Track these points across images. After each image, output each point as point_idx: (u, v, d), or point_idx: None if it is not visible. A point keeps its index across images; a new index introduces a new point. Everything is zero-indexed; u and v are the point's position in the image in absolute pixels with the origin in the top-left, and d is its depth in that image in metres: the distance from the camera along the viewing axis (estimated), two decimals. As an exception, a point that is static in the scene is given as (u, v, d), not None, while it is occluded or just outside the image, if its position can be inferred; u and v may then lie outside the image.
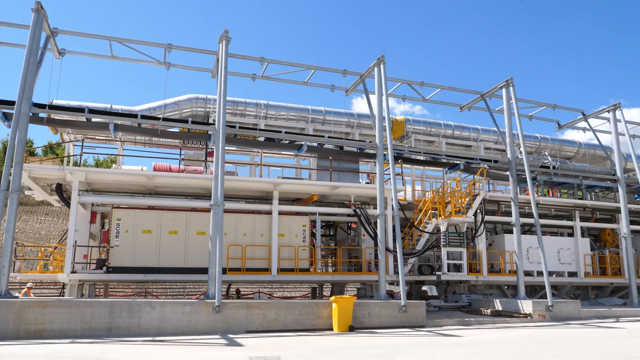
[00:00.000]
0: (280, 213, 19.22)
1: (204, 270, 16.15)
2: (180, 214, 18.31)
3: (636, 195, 27.58)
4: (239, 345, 11.84)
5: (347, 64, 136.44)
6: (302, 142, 18.99)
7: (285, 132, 19.03)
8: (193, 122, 17.85)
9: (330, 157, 20.39)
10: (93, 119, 16.98)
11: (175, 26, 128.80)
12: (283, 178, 20.18)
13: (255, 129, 20.44)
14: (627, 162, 28.18)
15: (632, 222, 24.34)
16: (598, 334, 14.63)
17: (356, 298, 16.45)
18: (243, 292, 25.84)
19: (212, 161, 18.07)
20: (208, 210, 16.51)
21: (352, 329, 14.85)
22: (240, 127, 18.73)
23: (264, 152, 21.93)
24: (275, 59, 19.72)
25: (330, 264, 24.15)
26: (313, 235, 20.67)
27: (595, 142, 27.14)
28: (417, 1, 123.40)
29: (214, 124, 16.72)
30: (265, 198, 20.51)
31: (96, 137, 21.00)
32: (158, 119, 17.86)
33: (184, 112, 21.93)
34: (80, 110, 17.00)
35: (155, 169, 19.00)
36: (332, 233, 24.01)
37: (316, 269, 20.45)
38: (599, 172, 25.18)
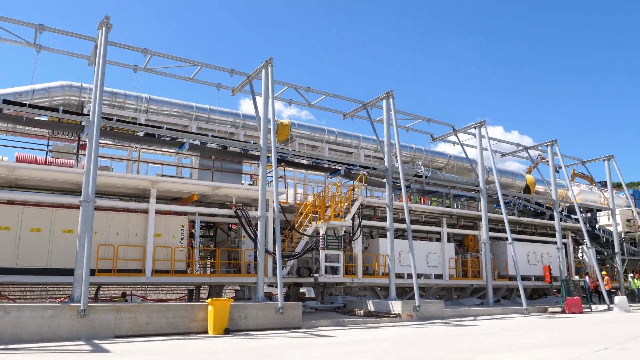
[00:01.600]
0: (158, 212, 18.45)
1: (71, 272, 14.96)
2: (44, 210, 16.87)
3: (495, 205, 30.40)
4: (105, 351, 11.16)
5: (235, 64, 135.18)
6: (185, 140, 18.46)
7: (167, 129, 18.38)
8: (65, 112, 16.62)
9: (213, 157, 20.03)
10: (-57, 101, 15.13)
11: (50, 10, 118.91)
12: (162, 176, 19.43)
13: (135, 123, 19.44)
14: (489, 174, 30.98)
15: (490, 230, 26.79)
16: (458, 331, 15.82)
17: (234, 300, 16.28)
18: (115, 295, 24.44)
19: (84, 154, 16.91)
20: (77, 207, 15.37)
21: (228, 331, 14.65)
22: (118, 120, 17.76)
23: (142, 148, 20.92)
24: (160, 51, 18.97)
25: (208, 266, 23.68)
26: (192, 235, 20.12)
27: (463, 155, 29.56)
28: (308, 8, 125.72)
29: (89, 115, 15.67)
30: (142, 196, 19.60)
31: (-53, 121, 18.74)
32: (24, 105, 16.30)
33: (55, 100, 20.32)
34: None
35: (17, 160, 17.37)
36: (211, 234, 23.55)
37: (194, 270, 19.93)
38: (465, 182, 27.47)
